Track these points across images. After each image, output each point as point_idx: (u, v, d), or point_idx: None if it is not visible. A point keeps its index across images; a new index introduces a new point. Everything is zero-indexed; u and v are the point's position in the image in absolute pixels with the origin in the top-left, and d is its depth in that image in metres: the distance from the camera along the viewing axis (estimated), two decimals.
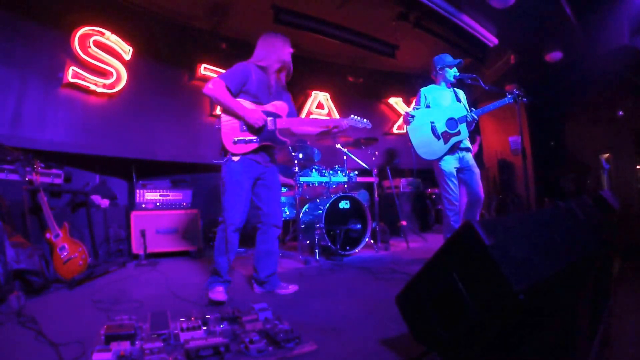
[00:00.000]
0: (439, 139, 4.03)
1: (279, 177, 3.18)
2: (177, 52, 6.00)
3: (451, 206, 4.06)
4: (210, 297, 2.78)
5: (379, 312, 2.45)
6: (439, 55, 4.28)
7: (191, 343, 1.83)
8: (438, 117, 4.06)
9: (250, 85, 2.94)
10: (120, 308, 2.77)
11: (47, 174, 4.28)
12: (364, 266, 4.03)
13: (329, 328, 2.18)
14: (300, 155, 4.84)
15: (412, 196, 7.00)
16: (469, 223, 1.44)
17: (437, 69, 4.25)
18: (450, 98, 4.22)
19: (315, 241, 4.59)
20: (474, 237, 1.42)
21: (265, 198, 3.07)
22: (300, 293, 3.09)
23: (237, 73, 2.94)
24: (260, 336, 1.94)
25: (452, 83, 4.26)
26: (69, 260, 3.63)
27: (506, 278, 1.33)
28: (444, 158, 4.04)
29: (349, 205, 4.86)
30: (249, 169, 2.93)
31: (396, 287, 2.92)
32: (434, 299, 1.62)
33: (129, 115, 5.42)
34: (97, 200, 4.82)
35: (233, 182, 2.89)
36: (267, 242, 3.11)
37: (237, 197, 2.90)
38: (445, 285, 1.54)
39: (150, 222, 4.87)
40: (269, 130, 2.95)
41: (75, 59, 5.05)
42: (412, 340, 1.71)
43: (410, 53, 7.07)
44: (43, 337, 2.19)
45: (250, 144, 2.90)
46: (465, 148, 4.13)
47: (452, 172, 4.05)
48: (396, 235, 6.06)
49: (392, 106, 8.46)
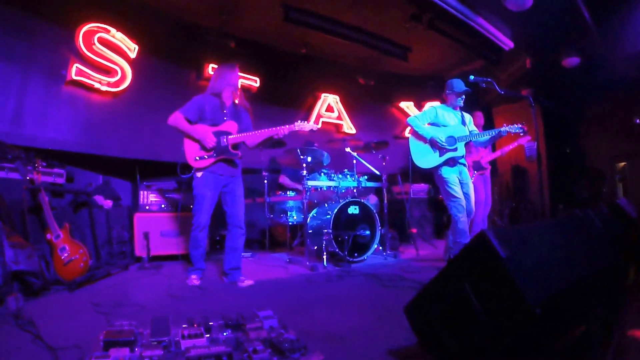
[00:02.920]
0: (435, 151, 4.33)
1: (242, 187, 3.82)
2: (184, 50, 5.91)
3: (460, 209, 4.20)
4: (187, 282, 3.55)
5: (387, 321, 2.40)
6: (451, 80, 4.53)
7: (192, 352, 1.74)
8: (440, 133, 4.34)
9: (206, 113, 3.61)
10: (120, 312, 2.71)
11: (48, 173, 4.17)
12: (372, 273, 3.95)
13: (336, 337, 2.13)
14: (308, 158, 4.74)
15: (422, 202, 6.88)
16: (484, 234, 1.43)
17: (447, 92, 4.51)
18: (457, 120, 4.48)
19: (322, 247, 4.47)
20: (489, 249, 1.40)
21: (230, 203, 3.72)
22: (307, 300, 3.05)
23: (193, 106, 3.62)
24: (264, 345, 1.85)
25: (460, 107, 4.53)
26: (69, 261, 3.56)
27: (521, 292, 1.31)
28: (442, 168, 4.28)
29: (358, 211, 4.76)
30: (211, 183, 3.60)
31: (404, 295, 2.93)
32: (444, 310, 1.60)
33: (133, 114, 5.32)
34: (100, 201, 4.73)
35: (199, 194, 3.58)
36: (231, 240, 3.71)
37: (201, 206, 3.58)
38: (456, 297, 1.53)
39: (154, 224, 4.76)
40: (223, 146, 3.58)
41: (80, 56, 4.96)
42: (420, 351, 1.72)
43: (422, 55, 6.96)
44: (41, 340, 2.12)
45: (208, 159, 3.56)
46: (463, 163, 4.41)
47: (455, 180, 4.28)
48: (405, 241, 5.94)
49: (403, 110, 8.32)
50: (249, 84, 6.44)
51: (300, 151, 4.67)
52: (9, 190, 3.71)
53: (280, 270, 4.28)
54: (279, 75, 6.79)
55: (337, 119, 7.43)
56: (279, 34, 6.37)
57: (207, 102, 3.65)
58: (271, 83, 6.67)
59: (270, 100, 6.62)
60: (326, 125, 7.34)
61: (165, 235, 4.79)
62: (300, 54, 6.87)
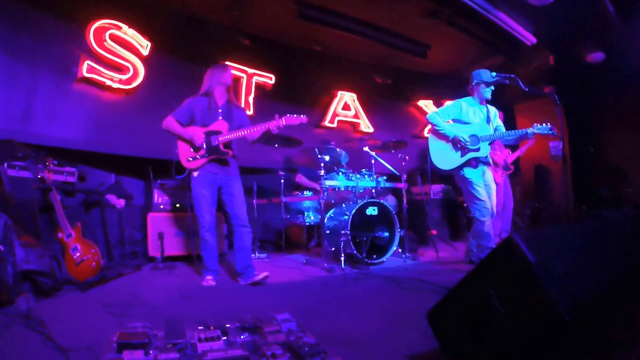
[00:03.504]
0: (457, 150, 4.14)
1: (240, 186, 3.81)
2: (197, 48, 5.81)
3: (485, 212, 4.03)
4: (202, 284, 3.56)
5: (407, 326, 2.35)
6: (477, 70, 4.27)
7: (209, 355, 1.69)
8: (463, 132, 4.12)
9: (197, 115, 3.71)
10: (133, 313, 2.68)
11: (60, 171, 4.10)
12: (391, 276, 3.84)
13: (355, 342, 2.09)
14: (326, 157, 4.63)
15: (442, 203, 6.72)
16: (513, 238, 1.41)
17: (474, 84, 4.26)
18: (482, 116, 4.26)
19: (340, 248, 4.36)
20: (518, 254, 1.38)
21: (229, 204, 3.74)
22: (325, 303, 3.00)
23: (184, 109, 3.73)
24: (283, 349, 1.78)
25: (487, 100, 4.28)
26: (81, 261, 3.53)
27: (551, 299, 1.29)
28: (465, 168, 4.10)
29: (376, 212, 4.63)
30: (208, 181, 3.64)
31: (424, 298, 2.98)
32: (468, 316, 1.59)
33: (146, 112, 5.22)
34: (112, 200, 4.65)
35: (198, 195, 3.63)
36: (238, 240, 3.71)
37: (202, 206, 3.63)
38: (481, 302, 1.51)
39: (169, 224, 4.67)
40: (213, 145, 3.61)
41: (91, 53, 4.88)
42: (441, 357, 1.71)
43: (440, 53, 6.83)
44: (52, 341, 2.08)
45: (200, 160, 3.62)
46: (487, 163, 4.21)
47: (479, 180, 4.09)
48: (424, 244, 5.79)
49: (421, 109, 8.14)
50: (264, 81, 6.36)
51: (318, 150, 4.57)
52: (20, 189, 3.65)
53: (297, 272, 4.18)
54: (294, 72, 6.70)
55: (354, 117, 7.30)
56: (294, 31, 6.28)
57: (196, 104, 3.74)
58: (286, 80, 6.58)
59: (285, 97, 6.53)
60: (343, 124, 7.22)
61: (180, 235, 4.70)
62: (316, 52, 6.79)
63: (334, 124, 7.07)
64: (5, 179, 3.59)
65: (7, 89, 4.38)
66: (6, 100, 4.35)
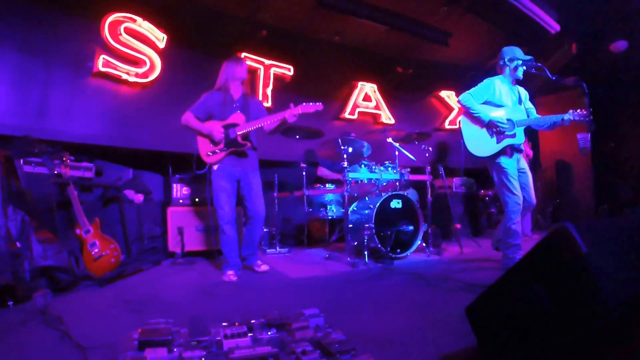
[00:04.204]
0: (492, 136, 3.78)
1: (259, 179, 3.89)
2: (214, 40, 5.72)
3: (517, 207, 3.70)
4: (223, 279, 3.53)
5: (436, 324, 2.26)
6: (510, 47, 3.93)
7: (236, 352, 1.63)
8: (497, 116, 3.79)
9: (214, 109, 3.74)
10: (153, 309, 2.62)
11: (77, 167, 4.07)
12: (416, 272, 3.71)
13: (383, 340, 2.00)
14: (349, 149, 4.49)
15: (464, 197, 6.54)
16: (566, 227, 1.33)
17: (506, 60, 3.88)
18: (514, 98, 3.92)
19: (364, 242, 4.22)
20: (570, 244, 1.31)
21: (248, 197, 3.80)
22: (350, 300, 2.92)
23: (201, 104, 3.77)
24: (312, 346, 1.74)
25: (517, 80, 3.93)
26: (100, 257, 3.48)
27: (602, 292, 1.25)
28: (501, 157, 3.76)
29: (400, 205, 4.49)
30: (228, 174, 3.69)
31: (452, 296, 2.88)
32: (511, 312, 1.52)
33: (163, 106, 5.15)
34: (131, 195, 4.59)
35: (218, 187, 3.67)
36: (251, 230, 3.84)
37: (221, 198, 3.66)
38: (527, 298, 1.45)
39: (188, 218, 4.59)
40: (231, 138, 3.65)
41: (106, 47, 4.83)
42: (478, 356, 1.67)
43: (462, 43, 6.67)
44: (69, 338, 2.02)
45: (220, 153, 3.66)
46: (521, 150, 3.89)
47: (515, 172, 3.76)
48: (447, 238, 5.62)
49: (443, 100, 7.98)
50: (282, 72, 6.26)
51: (341, 141, 4.44)
52: (37, 185, 3.62)
53: (319, 268, 4.05)
54: (313, 64, 6.57)
55: (375, 108, 7.14)
56: (312, 22, 6.17)
57: (213, 98, 3.77)
58: (305, 72, 6.47)
59: (304, 89, 6.39)
60: (363, 115, 7.09)
61: (200, 230, 4.61)
62: (334, 42, 6.67)
63: (355, 116, 6.94)
64: (22, 175, 3.55)
65: (23, 85, 4.34)
66: (22, 96, 4.32)
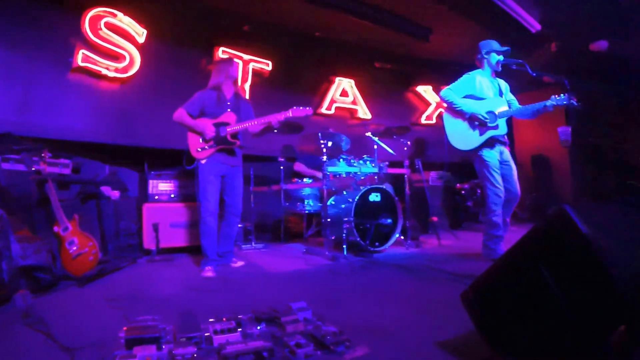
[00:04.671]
0: (474, 129, 3.87)
1: (241, 177, 4.02)
2: (194, 34, 5.71)
3: (498, 199, 3.79)
4: (202, 275, 3.53)
5: (428, 313, 2.33)
6: (486, 40, 4.02)
7: (228, 348, 1.63)
8: (478, 109, 3.86)
9: (206, 108, 3.84)
10: (137, 308, 2.58)
11: (55, 163, 4.00)
12: (399, 264, 3.81)
13: (377, 330, 2.02)
14: (329, 143, 4.52)
15: (442, 191, 6.65)
16: (564, 210, 1.35)
17: (483, 53, 3.98)
18: (495, 90, 4.01)
19: (342, 236, 4.26)
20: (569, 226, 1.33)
21: (230, 193, 3.91)
22: (337, 292, 2.94)
23: (195, 102, 3.85)
24: (306, 339, 1.76)
25: (496, 72, 4.02)
26: (78, 255, 3.39)
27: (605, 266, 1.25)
28: (483, 150, 3.84)
29: (379, 198, 4.56)
30: (214, 169, 3.79)
31: (438, 286, 2.99)
32: (512, 296, 1.51)
33: (142, 101, 5.13)
34: (108, 192, 4.52)
35: (204, 180, 3.75)
36: (227, 227, 3.93)
37: (208, 191, 3.74)
38: (530, 281, 1.43)
39: (164, 214, 4.54)
40: (221, 136, 3.77)
41: (86, 41, 4.77)
42: (475, 341, 1.64)
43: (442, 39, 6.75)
44: (53, 340, 1.97)
45: (209, 150, 3.77)
46: (504, 142, 3.96)
47: (496, 164, 3.84)
48: (425, 231, 5.74)
49: (420, 95, 8.10)
50: (261, 67, 6.25)
51: (321, 135, 4.47)
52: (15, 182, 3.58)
53: (299, 262, 4.09)
54: (291, 59, 6.58)
55: (352, 103, 7.20)
56: (292, 17, 6.15)
57: (206, 97, 3.89)
58: (284, 67, 6.48)
59: (282, 84, 6.42)
60: (340, 111, 7.14)
61: (176, 226, 4.58)
62: (314, 37, 6.68)
63: (332, 111, 6.98)
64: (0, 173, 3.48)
65: (3, 80, 4.29)
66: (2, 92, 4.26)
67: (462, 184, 6.74)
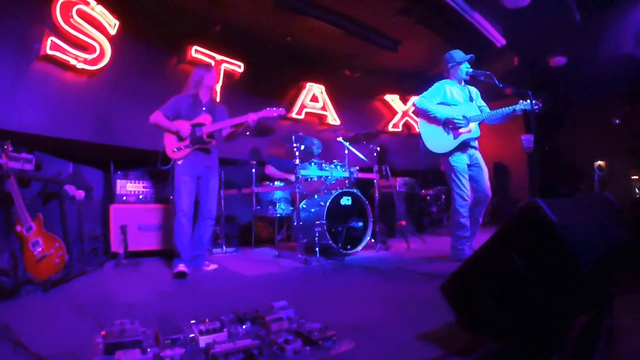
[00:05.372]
0: (449, 133, 4.01)
1: (217, 179, 4.05)
2: (167, 30, 5.61)
3: (463, 202, 3.99)
4: (174, 271, 3.52)
5: (404, 311, 2.41)
6: (450, 52, 4.20)
7: (217, 347, 1.59)
8: (452, 113, 4.01)
9: (182, 111, 3.90)
10: (110, 313, 2.46)
11: (16, 158, 3.70)
12: (370, 266, 3.85)
13: (357, 327, 2.05)
14: (302, 147, 4.52)
15: (407, 197, 6.77)
16: (535, 201, 1.44)
17: (449, 67, 4.18)
18: (465, 96, 4.18)
19: (315, 239, 4.29)
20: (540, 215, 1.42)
21: (204, 194, 3.92)
22: (313, 293, 3.00)
23: (170, 105, 3.91)
24: (293, 336, 1.75)
25: (465, 80, 4.20)
26: (43, 257, 3.16)
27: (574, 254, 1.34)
28: (454, 154, 4.01)
29: (350, 202, 4.61)
30: (190, 169, 3.81)
31: (411, 285, 3.08)
32: (489, 284, 1.60)
33: (110, 97, 4.97)
34: (72, 191, 4.30)
35: (180, 181, 3.75)
36: (199, 230, 3.92)
37: (182, 191, 3.74)
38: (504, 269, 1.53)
39: (132, 216, 4.41)
40: (197, 136, 3.82)
41: (55, 29, 4.57)
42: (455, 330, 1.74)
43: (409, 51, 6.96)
44: (24, 349, 1.84)
45: (185, 150, 3.79)
46: (475, 146, 4.14)
47: (464, 168, 4.02)
48: (392, 235, 5.83)
49: (387, 103, 8.27)
50: (233, 69, 6.22)
51: (294, 138, 4.46)
52: None
53: (272, 265, 4.06)
54: (263, 62, 6.59)
55: (322, 109, 7.28)
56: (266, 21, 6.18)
57: (182, 101, 3.95)
58: (255, 70, 6.47)
59: (253, 88, 6.40)
60: (310, 116, 7.19)
61: (145, 229, 4.45)
62: (286, 43, 6.69)
63: (302, 116, 7.04)
64: None
65: None
66: None
67: (427, 190, 6.90)
